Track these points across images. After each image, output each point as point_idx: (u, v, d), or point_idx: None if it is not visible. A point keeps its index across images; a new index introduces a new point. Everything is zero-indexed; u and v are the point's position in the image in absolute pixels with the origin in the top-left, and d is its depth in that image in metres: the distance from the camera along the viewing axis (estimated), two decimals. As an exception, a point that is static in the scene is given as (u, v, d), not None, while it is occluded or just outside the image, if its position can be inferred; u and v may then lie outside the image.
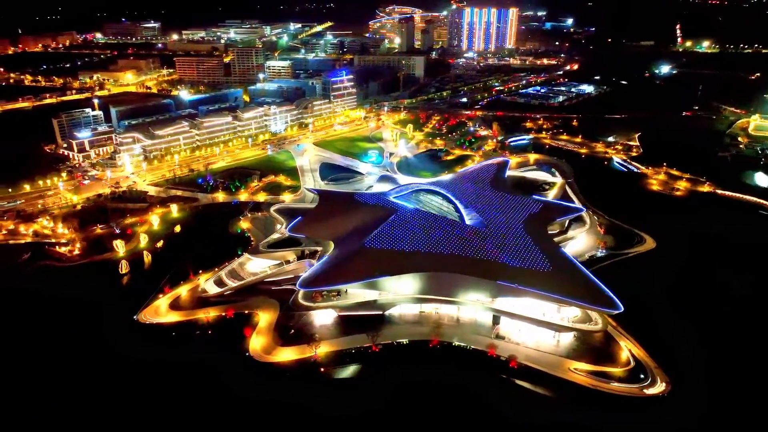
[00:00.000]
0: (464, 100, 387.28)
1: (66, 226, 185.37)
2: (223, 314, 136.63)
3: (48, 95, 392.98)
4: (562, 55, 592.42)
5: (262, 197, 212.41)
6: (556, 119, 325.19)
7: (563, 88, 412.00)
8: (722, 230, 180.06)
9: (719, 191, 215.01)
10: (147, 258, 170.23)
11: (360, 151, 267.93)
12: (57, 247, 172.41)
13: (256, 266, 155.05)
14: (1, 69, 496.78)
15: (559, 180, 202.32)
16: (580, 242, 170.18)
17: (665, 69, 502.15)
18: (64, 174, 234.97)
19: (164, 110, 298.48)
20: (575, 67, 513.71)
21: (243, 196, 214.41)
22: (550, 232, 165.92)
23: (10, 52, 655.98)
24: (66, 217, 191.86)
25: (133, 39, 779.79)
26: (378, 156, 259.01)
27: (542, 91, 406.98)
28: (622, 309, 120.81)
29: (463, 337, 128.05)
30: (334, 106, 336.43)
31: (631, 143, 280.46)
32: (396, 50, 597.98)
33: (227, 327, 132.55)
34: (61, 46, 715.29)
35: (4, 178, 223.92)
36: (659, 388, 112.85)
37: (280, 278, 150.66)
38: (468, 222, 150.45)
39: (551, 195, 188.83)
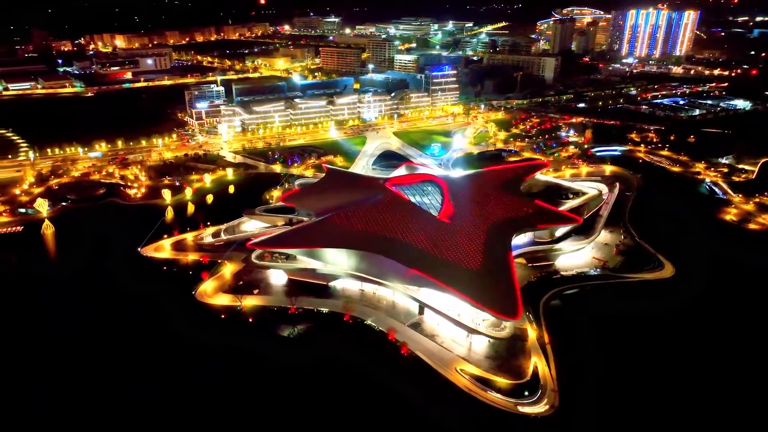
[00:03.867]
0: (582, 105, 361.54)
1: (145, 174, 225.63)
2: (200, 259, 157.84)
3: (210, 74, 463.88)
4: (745, 66, 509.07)
5: (310, 173, 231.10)
6: (671, 133, 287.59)
7: (709, 102, 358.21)
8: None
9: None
10: (190, 208, 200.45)
11: (432, 144, 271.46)
12: (127, 189, 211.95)
13: (250, 226, 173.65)
14: (192, 52, 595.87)
15: (592, 192, 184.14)
16: (573, 257, 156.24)
17: None
18: (174, 135, 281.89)
19: (277, 91, 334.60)
20: (724, 83, 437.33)
21: (296, 170, 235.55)
22: (537, 240, 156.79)
23: (212, 39, 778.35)
24: (150, 168, 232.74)
25: (313, 31, 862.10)
26: (441, 150, 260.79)
27: (680, 102, 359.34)
28: (517, 318, 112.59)
29: (379, 319, 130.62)
30: (433, 100, 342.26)
31: (746, 167, 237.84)
32: (549, 51, 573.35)
33: (196, 269, 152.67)
34: (253, 35, 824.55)
35: (139, 134, 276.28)
36: (537, 409, 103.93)
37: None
38: (439, 213, 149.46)
39: (568, 204, 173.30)
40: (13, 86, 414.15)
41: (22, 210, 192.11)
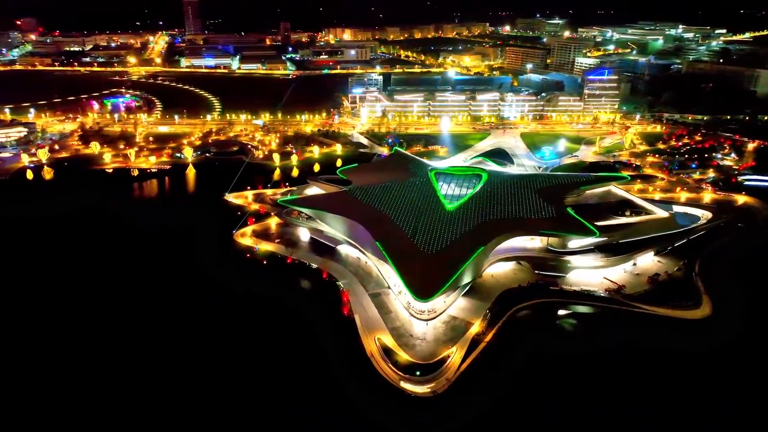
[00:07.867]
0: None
1: (278, 141, 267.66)
2: (257, 209, 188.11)
3: (398, 66, 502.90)
4: None
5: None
6: None
7: None
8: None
9: None
10: (295, 172, 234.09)
11: (543, 147, 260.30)
12: (254, 150, 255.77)
13: (312, 191, 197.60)
14: (398, 46, 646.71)
15: (660, 214, 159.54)
16: (587, 273, 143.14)
17: None
18: (324, 113, 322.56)
19: (431, 83, 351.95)
20: None
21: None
22: (549, 248, 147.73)
23: (429, 36, 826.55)
24: (282, 137, 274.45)
25: (532, 33, 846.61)
26: (552, 154, 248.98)
27: None
28: (424, 300, 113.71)
29: (349, 282, 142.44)
30: (586, 105, 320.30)
31: None
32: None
33: (248, 216, 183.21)
34: (469, 34, 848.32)
35: (295, 109, 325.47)
36: (417, 389, 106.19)
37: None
38: (451, 206, 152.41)
39: (613, 221, 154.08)
40: (244, 66, 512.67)
41: (178, 154, 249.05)
